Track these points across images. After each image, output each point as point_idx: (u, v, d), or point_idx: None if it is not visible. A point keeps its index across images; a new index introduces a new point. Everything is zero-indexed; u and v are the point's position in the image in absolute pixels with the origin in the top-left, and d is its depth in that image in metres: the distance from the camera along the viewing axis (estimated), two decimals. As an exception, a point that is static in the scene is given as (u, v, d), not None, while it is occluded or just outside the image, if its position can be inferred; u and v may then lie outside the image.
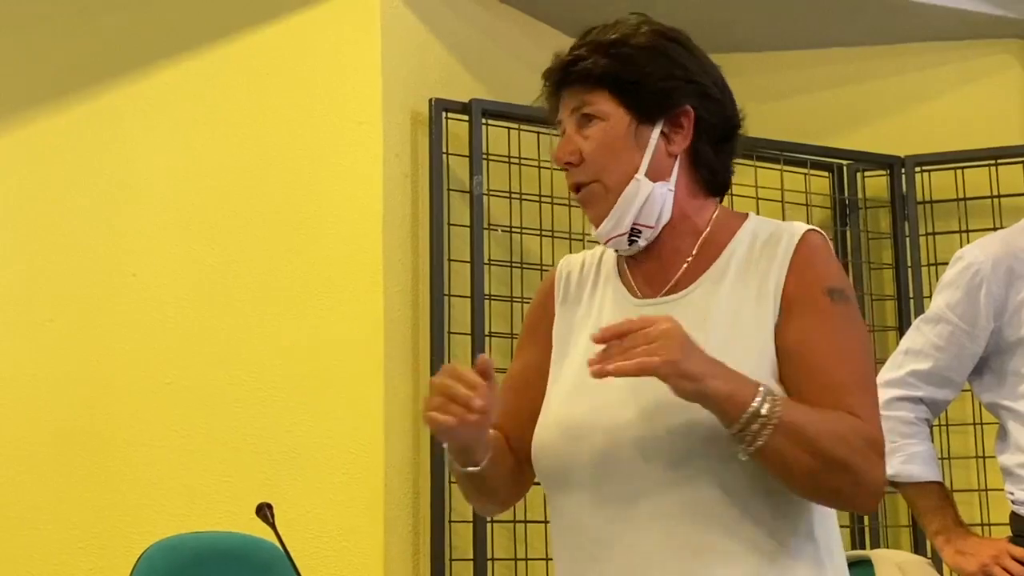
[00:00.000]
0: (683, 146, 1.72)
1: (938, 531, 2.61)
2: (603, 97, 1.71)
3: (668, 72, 1.71)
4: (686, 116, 1.71)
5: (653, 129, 1.70)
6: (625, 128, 1.70)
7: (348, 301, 3.57)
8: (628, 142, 1.70)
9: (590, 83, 1.72)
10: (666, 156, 1.71)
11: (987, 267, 2.61)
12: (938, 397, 2.67)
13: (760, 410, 1.51)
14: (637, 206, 1.69)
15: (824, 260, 1.68)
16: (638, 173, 1.69)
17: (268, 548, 2.97)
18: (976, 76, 4.49)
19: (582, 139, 1.72)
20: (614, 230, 1.71)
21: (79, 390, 3.60)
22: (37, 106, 3.79)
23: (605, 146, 1.70)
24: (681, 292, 1.70)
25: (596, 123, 1.71)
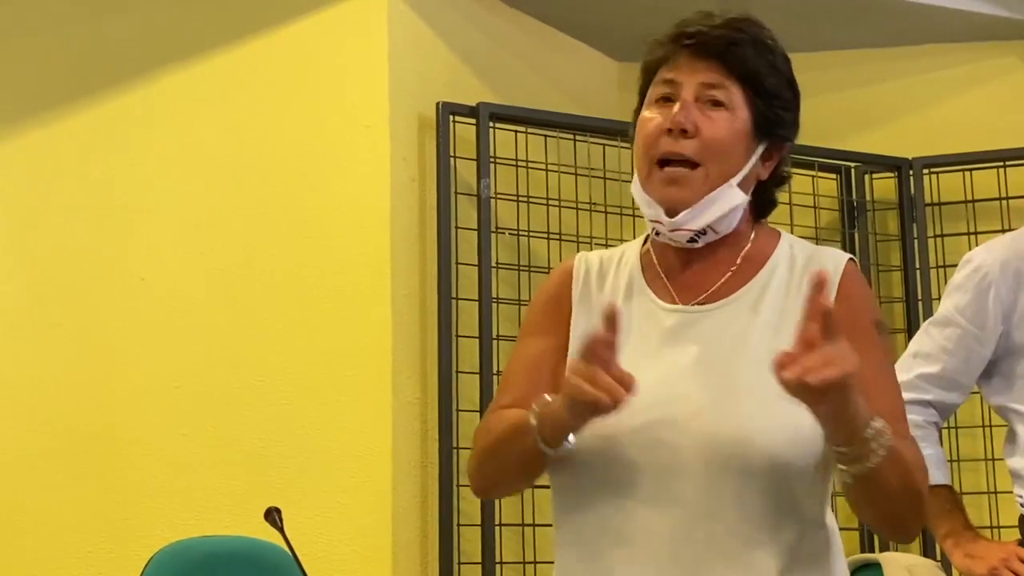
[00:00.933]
0: (768, 173, 1.70)
1: (947, 534, 2.61)
2: (738, 91, 1.67)
3: (791, 104, 1.71)
4: (779, 149, 1.71)
5: (760, 145, 1.69)
6: (746, 132, 1.67)
7: (356, 304, 3.57)
8: (743, 146, 1.67)
9: (735, 70, 1.67)
10: (754, 176, 1.69)
11: (996, 270, 2.60)
12: (947, 400, 2.67)
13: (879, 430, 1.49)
14: (721, 210, 1.66)
15: (867, 292, 1.70)
16: (735, 178, 1.67)
17: (276, 552, 2.97)
18: (984, 78, 4.48)
19: (704, 116, 1.66)
20: (689, 223, 1.65)
21: (87, 394, 3.60)
22: (44, 110, 3.79)
23: (728, 136, 1.65)
24: (719, 302, 1.68)
25: (724, 111, 1.66)
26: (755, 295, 1.67)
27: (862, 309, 1.64)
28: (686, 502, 1.59)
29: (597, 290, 1.75)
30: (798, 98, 1.73)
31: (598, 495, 1.64)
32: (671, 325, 1.68)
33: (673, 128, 1.64)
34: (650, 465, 1.61)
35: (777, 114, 1.69)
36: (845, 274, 1.67)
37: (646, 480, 1.61)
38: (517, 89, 4.04)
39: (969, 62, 4.49)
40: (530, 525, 3.67)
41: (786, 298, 1.66)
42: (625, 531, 1.62)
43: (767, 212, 1.76)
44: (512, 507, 3.68)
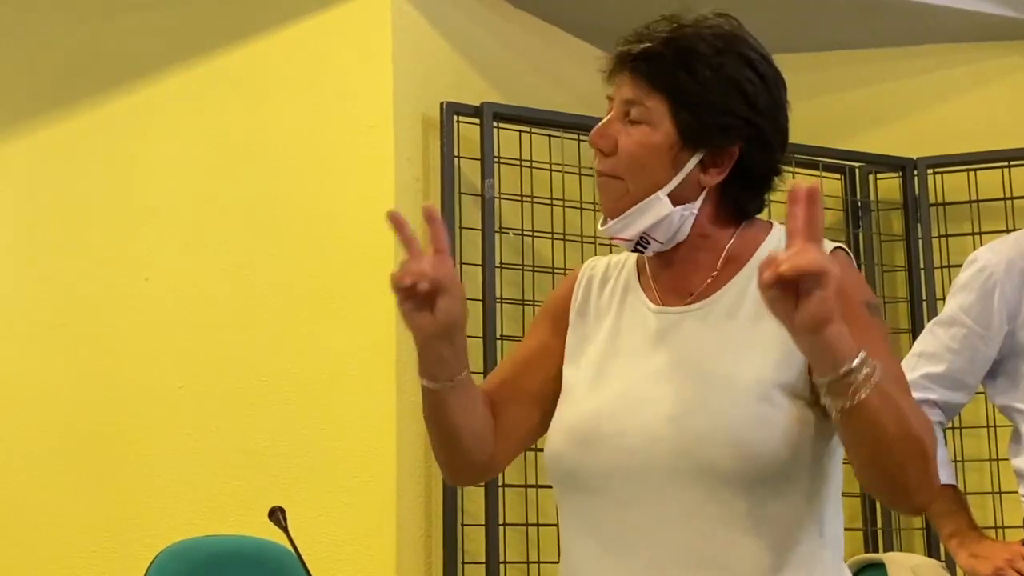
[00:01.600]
0: (716, 180, 1.67)
1: (952, 534, 2.61)
2: (659, 104, 1.67)
3: (732, 108, 1.66)
4: (729, 156, 1.67)
5: (693, 155, 1.66)
6: (668, 145, 1.66)
7: (359, 305, 3.57)
8: (664, 159, 1.66)
9: (653, 83, 1.67)
10: (696, 184, 1.67)
11: (1000, 269, 2.60)
12: (952, 400, 2.67)
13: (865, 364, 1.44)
14: (650, 220, 1.67)
15: (857, 276, 1.67)
16: (661, 191, 1.66)
17: (280, 552, 2.97)
18: (989, 78, 4.48)
19: (624, 132, 1.69)
20: (620, 232, 1.69)
21: (91, 395, 3.61)
22: (48, 111, 3.80)
23: (641, 151, 1.67)
24: (702, 303, 1.68)
25: (642, 127, 1.67)
26: (736, 293, 1.67)
27: (851, 293, 1.60)
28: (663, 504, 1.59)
29: (596, 295, 1.77)
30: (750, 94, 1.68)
31: (578, 496, 1.66)
32: (656, 327, 1.69)
33: (593, 147, 1.72)
34: (625, 468, 1.61)
35: (708, 123, 1.65)
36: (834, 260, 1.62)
37: (621, 483, 1.62)
38: (521, 89, 4.04)
39: (973, 62, 4.49)
40: (534, 525, 3.67)
41: None
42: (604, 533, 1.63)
43: (750, 213, 1.74)
44: (516, 507, 3.68)
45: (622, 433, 1.62)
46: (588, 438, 1.65)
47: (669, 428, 1.59)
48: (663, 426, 1.60)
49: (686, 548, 1.58)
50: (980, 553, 2.56)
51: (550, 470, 1.70)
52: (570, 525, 1.69)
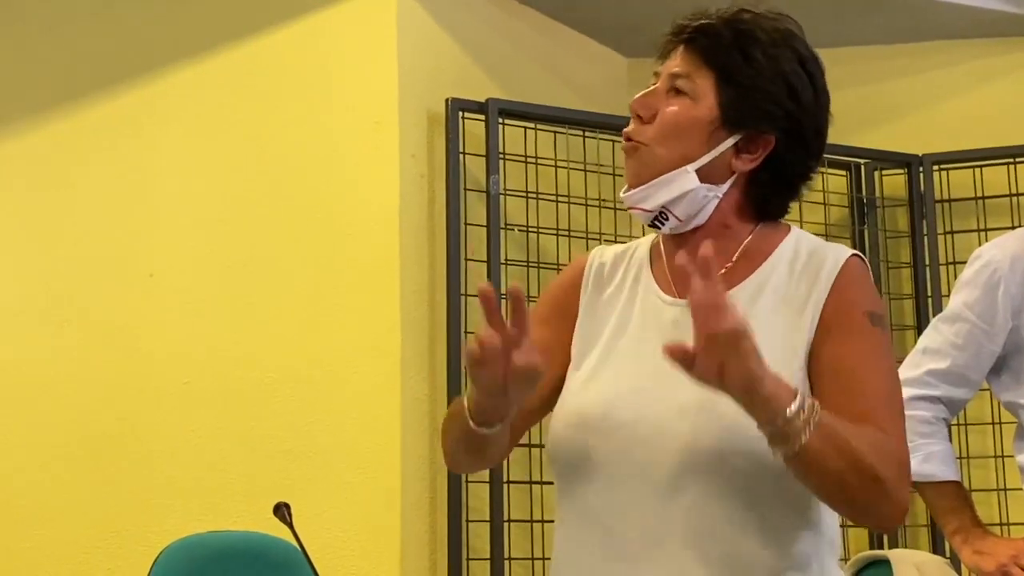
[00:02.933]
0: (748, 167, 1.67)
1: (956, 531, 2.60)
2: (707, 79, 1.67)
3: (777, 97, 1.66)
4: (765, 144, 1.67)
5: (730, 136, 1.66)
6: (707, 120, 1.66)
7: (365, 301, 3.57)
8: (701, 133, 1.66)
9: (705, 59, 1.67)
10: (727, 167, 1.67)
11: (1005, 266, 2.60)
12: (956, 396, 2.66)
13: (802, 409, 1.46)
14: (674, 193, 1.65)
15: (865, 285, 1.66)
16: (691, 165, 1.66)
17: (285, 547, 2.98)
18: (994, 74, 4.47)
19: (665, 103, 1.68)
20: (640, 202, 1.67)
21: (96, 391, 3.61)
22: (54, 106, 3.80)
23: (680, 120, 1.66)
24: None
25: (685, 99, 1.67)
26: (752, 292, 1.66)
27: (855, 301, 1.61)
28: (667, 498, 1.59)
29: (606, 286, 1.76)
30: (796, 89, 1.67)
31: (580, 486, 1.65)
32: (670, 319, 1.67)
33: (631, 114, 1.70)
34: (631, 458, 1.61)
35: (751, 106, 1.65)
36: (844, 268, 1.64)
37: (626, 473, 1.61)
38: (526, 85, 4.04)
39: (979, 58, 4.48)
40: (539, 521, 3.67)
41: (784, 294, 1.65)
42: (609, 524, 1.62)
43: (773, 213, 1.74)
44: (521, 503, 3.68)
45: (632, 423, 1.62)
46: (598, 426, 1.64)
47: (680, 423, 1.59)
48: (674, 420, 1.59)
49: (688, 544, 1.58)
50: (984, 549, 2.56)
51: (554, 457, 1.69)
52: (569, 515, 1.68)
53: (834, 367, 1.60)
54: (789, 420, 1.45)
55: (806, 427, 1.46)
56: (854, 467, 1.50)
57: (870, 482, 1.52)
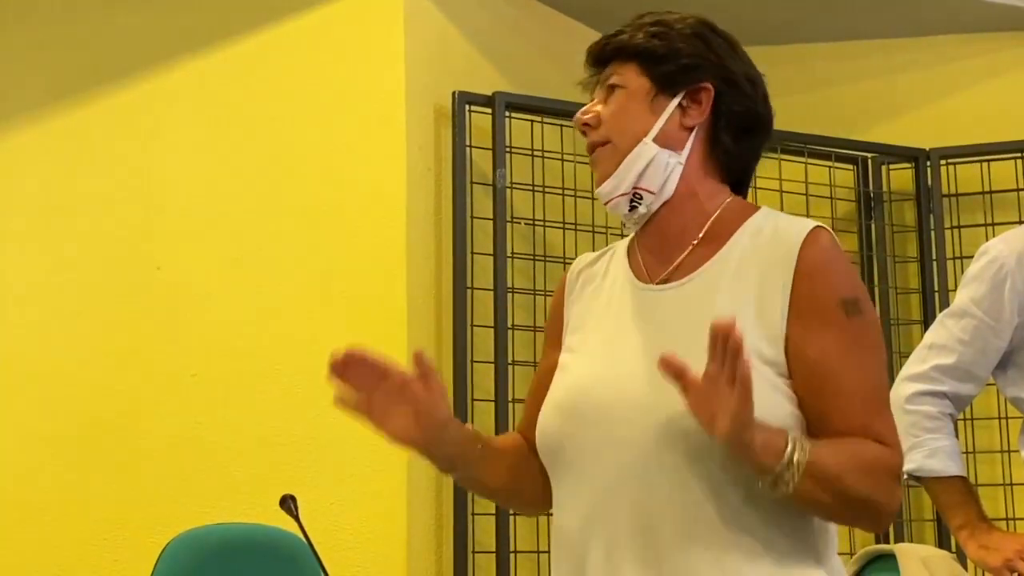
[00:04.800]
0: (698, 120, 1.73)
1: (961, 526, 2.60)
2: (631, 69, 1.75)
3: (696, 52, 1.74)
4: (706, 92, 1.73)
5: (672, 100, 1.73)
6: (644, 94, 1.74)
7: (371, 294, 3.57)
8: (643, 107, 1.73)
9: (623, 57, 1.77)
10: (680, 127, 1.73)
11: (1012, 261, 2.59)
12: (962, 392, 2.66)
13: (793, 457, 1.52)
14: (640, 167, 1.71)
15: (834, 265, 1.64)
16: (647, 137, 1.72)
17: (292, 540, 2.99)
18: (1002, 69, 4.47)
19: (603, 105, 1.77)
20: (615, 190, 1.73)
21: (104, 383, 3.62)
22: (63, 100, 3.81)
23: (621, 110, 1.74)
24: (683, 279, 1.70)
25: (619, 91, 1.76)
26: (716, 272, 1.68)
27: (825, 292, 1.62)
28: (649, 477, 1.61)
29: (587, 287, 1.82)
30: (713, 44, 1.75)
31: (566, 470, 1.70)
32: (639, 303, 1.72)
33: (578, 127, 1.80)
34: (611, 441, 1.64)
35: (676, 66, 1.73)
36: (805, 244, 1.64)
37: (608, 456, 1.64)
38: (533, 79, 4.04)
39: (987, 52, 4.48)
40: (544, 514, 3.67)
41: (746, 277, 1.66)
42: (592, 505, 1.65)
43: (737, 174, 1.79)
44: (527, 496, 3.68)
45: (608, 406, 1.65)
46: (574, 413, 1.69)
47: (653, 399, 1.60)
48: (647, 398, 1.61)
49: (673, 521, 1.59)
50: (990, 544, 2.55)
51: (539, 446, 1.74)
52: (560, 499, 1.72)
53: (816, 368, 1.60)
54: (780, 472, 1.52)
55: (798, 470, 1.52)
56: (844, 499, 1.56)
57: (861, 508, 1.59)
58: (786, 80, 4.50)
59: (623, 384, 1.65)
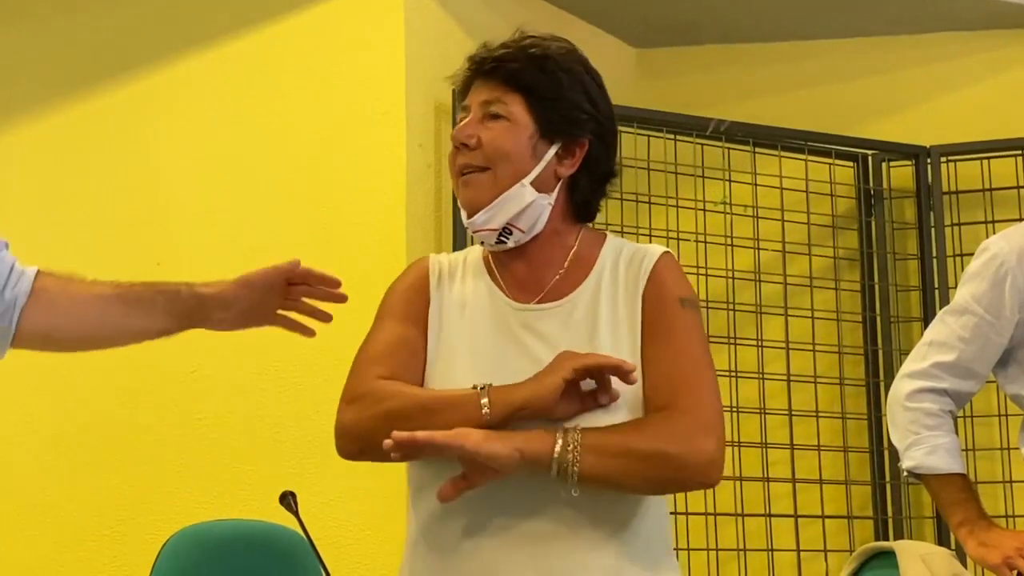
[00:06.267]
0: (570, 171, 1.85)
1: (961, 523, 2.60)
2: (517, 102, 1.83)
3: (580, 104, 1.84)
4: (580, 147, 1.85)
5: (550, 147, 1.83)
6: (528, 135, 1.82)
7: (371, 291, 3.55)
8: (526, 148, 1.82)
9: (511, 84, 1.84)
10: (553, 175, 1.85)
11: (1012, 258, 2.59)
12: (962, 389, 2.66)
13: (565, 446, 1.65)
14: (516, 208, 1.81)
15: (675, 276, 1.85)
16: (526, 180, 1.81)
17: (291, 536, 2.99)
18: (1003, 66, 4.47)
19: (484, 129, 1.84)
20: (488, 223, 1.83)
21: (103, 379, 3.62)
22: (61, 96, 3.81)
23: (506, 142, 1.82)
24: (560, 301, 1.83)
25: (503, 121, 1.83)
26: (590, 295, 1.82)
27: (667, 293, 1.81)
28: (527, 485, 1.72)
29: (448, 290, 1.91)
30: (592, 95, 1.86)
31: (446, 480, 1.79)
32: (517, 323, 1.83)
33: (456, 144, 1.86)
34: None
35: (562, 115, 1.83)
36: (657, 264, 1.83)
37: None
38: (533, 75, 4.04)
39: (988, 50, 4.47)
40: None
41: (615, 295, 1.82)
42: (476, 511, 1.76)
43: (589, 214, 1.92)
44: (526, 493, 3.68)
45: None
46: None
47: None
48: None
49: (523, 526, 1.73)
50: (989, 542, 2.56)
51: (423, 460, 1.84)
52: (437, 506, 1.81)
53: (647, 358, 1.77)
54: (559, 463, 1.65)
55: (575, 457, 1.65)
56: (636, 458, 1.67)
57: (660, 461, 1.68)
58: (786, 77, 4.51)
59: None
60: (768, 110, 4.37)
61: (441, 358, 1.85)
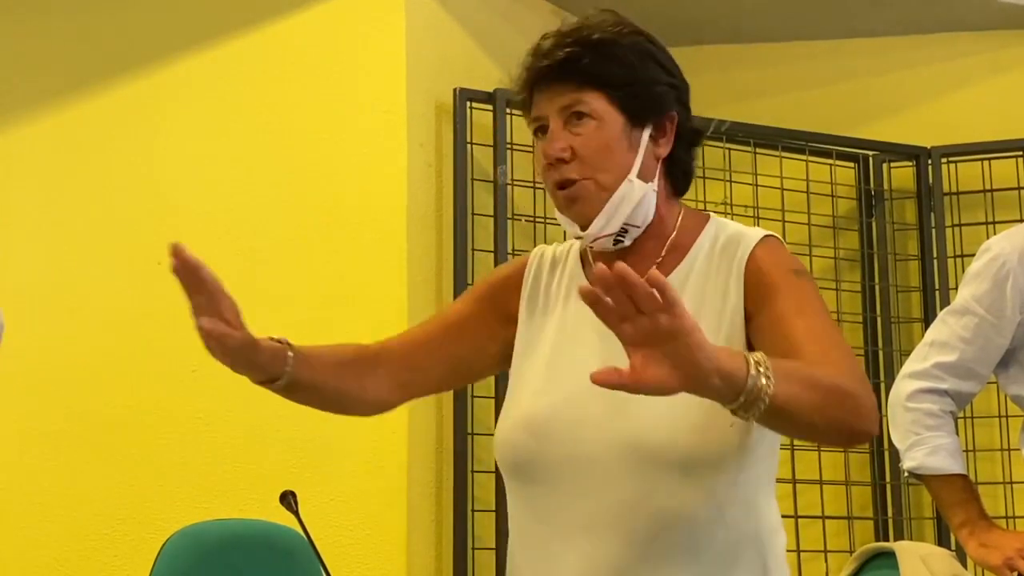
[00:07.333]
0: (668, 150, 1.75)
1: (962, 524, 2.60)
2: (597, 97, 1.72)
3: (658, 77, 1.75)
4: (671, 121, 1.75)
5: (644, 132, 1.73)
6: (620, 129, 1.72)
7: (372, 290, 3.57)
8: (622, 143, 1.72)
9: (583, 81, 1.73)
10: (653, 159, 1.74)
11: (1014, 259, 2.59)
12: (963, 389, 2.66)
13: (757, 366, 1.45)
14: (630, 206, 1.71)
15: (782, 253, 1.72)
16: (631, 174, 1.72)
17: (291, 536, 2.98)
18: (1004, 67, 4.46)
19: (573, 136, 1.73)
20: (604, 229, 1.72)
21: (104, 378, 3.62)
22: (61, 95, 3.80)
23: (601, 145, 1.71)
24: None
25: (589, 122, 1.72)
26: (679, 282, 1.71)
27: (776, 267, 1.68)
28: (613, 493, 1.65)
29: (546, 286, 1.84)
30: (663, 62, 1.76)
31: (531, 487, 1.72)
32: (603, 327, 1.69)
33: (549, 161, 1.73)
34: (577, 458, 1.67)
35: (644, 97, 1.73)
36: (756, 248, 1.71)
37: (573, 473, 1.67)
38: (534, 75, 4.03)
39: (989, 51, 4.47)
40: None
41: (705, 283, 1.72)
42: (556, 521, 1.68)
43: (684, 187, 1.80)
44: (527, 493, 3.68)
45: (575, 425, 1.68)
46: (544, 430, 1.70)
47: (616, 418, 1.65)
48: (611, 417, 1.65)
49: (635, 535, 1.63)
50: (990, 543, 2.55)
51: (503, 459, 1.76)
52: (521, 514, 1.74)
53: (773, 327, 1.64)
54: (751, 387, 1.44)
55: (768, 381, 1.45)
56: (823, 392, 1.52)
57: (842, 398, 1.54)
58: (788, 77, 4.50)
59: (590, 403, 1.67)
60: (769, 111, 4.37)
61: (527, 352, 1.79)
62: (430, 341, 1.85)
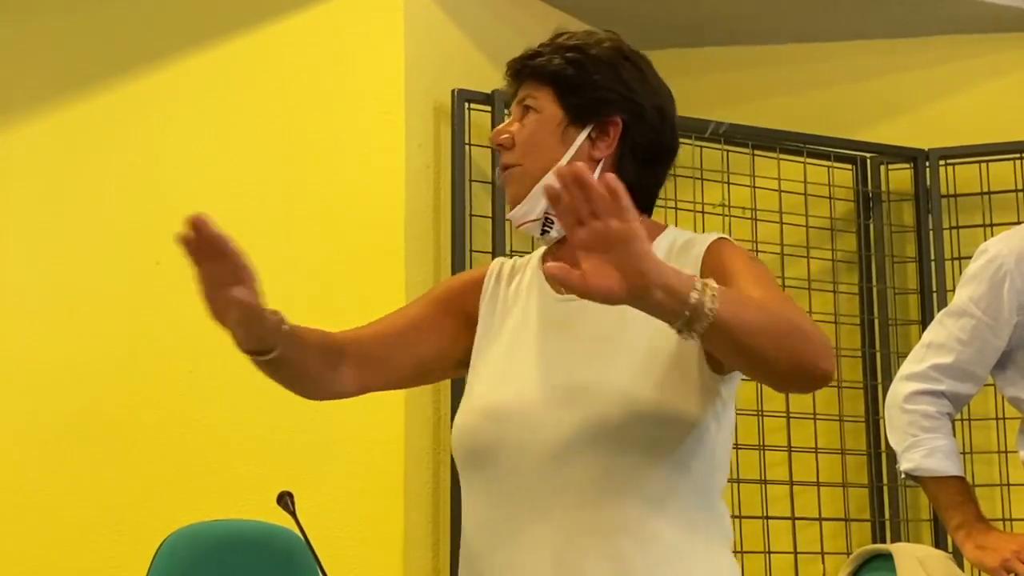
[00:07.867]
0: (606, 153, 1.81)
1: (959, 526, 2.60)
2: (546, 94, 1.84)
3: (610, 84, 1.82)
4: (614, 126, 1.81)
5: (581, 131, 1.81)
6: (556, 123, 1.82)
7: (369, 291, 3.57)
8: (555, 137, 1.82)
9: (540, 79, 1.84)
10: (589, 159, 1.81)
11: (1011, 261, 2.59)
12: (960, 391, 2.66)
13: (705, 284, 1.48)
14: None
15: (737, 247, 1.78)
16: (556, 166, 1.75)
17: (289, 536, 2.99)
18: (1002, 69, 4.47)
19: (519, 127, 1.85)
20: (527, 215, 1.82)
21: (102, 378, 3.62)
22: (61, 95, 3.81)
23: (534, 135, 1.82)
24: None
25: (532, 114, 1.84)
26: None
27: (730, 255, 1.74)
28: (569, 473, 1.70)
29: (504, 291, 1.91)
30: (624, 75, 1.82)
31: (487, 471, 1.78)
32: (559, 314, 1.81)
33: (494, 147, 1.88)
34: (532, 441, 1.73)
35: (587, 98, 1.81)
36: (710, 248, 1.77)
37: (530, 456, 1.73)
38: (533, 77, 4.04)
39: (987, 53, 4.48)
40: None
41: None
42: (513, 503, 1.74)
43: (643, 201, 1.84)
44: (524, 494, 3.68)
45: (533, 409, 1.74)
46: (502, 415, 1.77)
47: (574, 401, 1.72)
48: (569, 400, 1.72)
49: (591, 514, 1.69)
50: (987, 545, 2.56)
51: (461, 447, 1.82)
52: (479, 501, 1.81)
53: None
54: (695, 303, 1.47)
55: (713, 298, 1.48)
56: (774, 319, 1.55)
57: (792, 328, 1.56)
58: (785, 80, 4.51)
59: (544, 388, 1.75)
60: (767, 112, 4.37)
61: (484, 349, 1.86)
62: (397, 339, 1.93)
